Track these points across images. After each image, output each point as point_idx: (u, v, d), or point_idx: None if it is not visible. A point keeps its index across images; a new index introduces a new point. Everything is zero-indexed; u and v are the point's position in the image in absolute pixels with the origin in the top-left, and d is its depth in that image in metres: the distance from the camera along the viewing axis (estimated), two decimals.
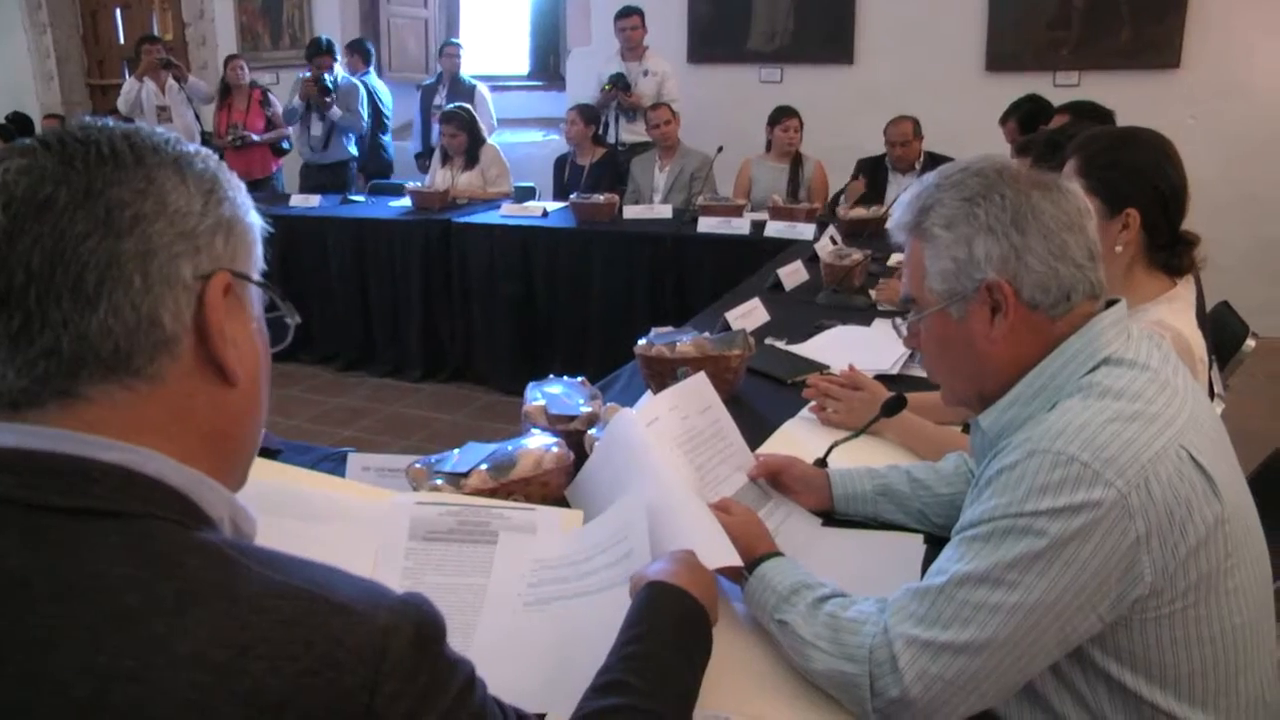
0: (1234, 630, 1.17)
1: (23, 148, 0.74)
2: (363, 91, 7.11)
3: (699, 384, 1.75)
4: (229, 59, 7.39)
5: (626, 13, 6.38)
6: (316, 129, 6.91)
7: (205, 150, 0.81)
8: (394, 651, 0.71)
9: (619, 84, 6.22)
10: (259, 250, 0.83)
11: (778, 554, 1.37)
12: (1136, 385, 1.18)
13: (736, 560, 1.33)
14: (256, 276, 0.82)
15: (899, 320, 1.35)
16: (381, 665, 0.70)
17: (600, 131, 6.37)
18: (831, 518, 1.68)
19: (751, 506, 1.61)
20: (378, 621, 0.71)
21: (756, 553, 1.36)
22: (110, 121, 0.77)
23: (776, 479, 1.71)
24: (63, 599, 0.66)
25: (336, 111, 6.87)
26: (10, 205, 0.71)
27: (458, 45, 7.28)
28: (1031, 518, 1.09)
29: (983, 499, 1.16)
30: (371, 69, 7.26)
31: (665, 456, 1.52)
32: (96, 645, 0.65)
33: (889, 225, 1.35)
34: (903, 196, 1.32)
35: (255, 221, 0.82)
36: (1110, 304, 1.27)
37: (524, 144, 7.83)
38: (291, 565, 0.73)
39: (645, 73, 6.36)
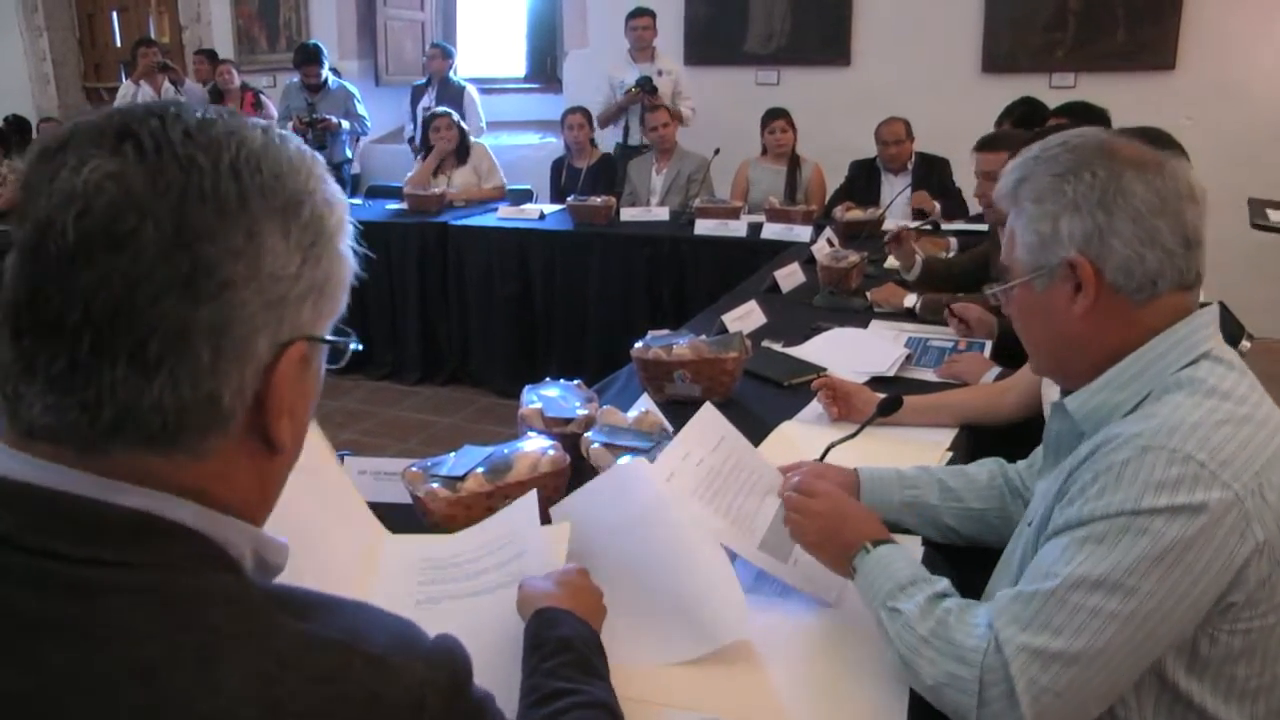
0: None
1: (117, 138, 0.63)
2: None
3: (706, 417, 1.68)
4: (218, 63, 7.40)
5: (638, 13, 6.36)
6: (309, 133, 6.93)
7: (321, 171, 0.71)
8: (431, 705, 0.67)
9: (645, 87, 6.20)
10: (345, 300, 0.74)
11: (893, 541, 1.33)
12: (1241, 389, 1.15)
13: (743, 634, 1.29)
14: (333, 326, 0.74)
15: (993, 287, 1.35)
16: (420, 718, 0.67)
17: (623, 138, 6.41)
18: None
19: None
20: (415, 675, 0.67)
21: (868, 534, 1.32)
22: (225, 125, 0.66)
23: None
24: (75, 651, 0.60)
25: (345, 126, 6.91)
26: (84, 218, 0.61)
27: (441, 47, 7.30)
28: (1149, 516, 1.05)
29: (1088, 495, 1.11)
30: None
31: (686, 513, 1.45)
32: (112, 702, 0.59)
33: (993, 193, 1.34)
34: (1008, 164, 1.31)
35: (350, 268, 0.73)
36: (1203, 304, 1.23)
37: (521, 146, 7.83)
38: (321, 609, 0.67)
39: (659, 73, 6.35)
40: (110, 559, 0.62)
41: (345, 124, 6.98)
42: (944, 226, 4.60)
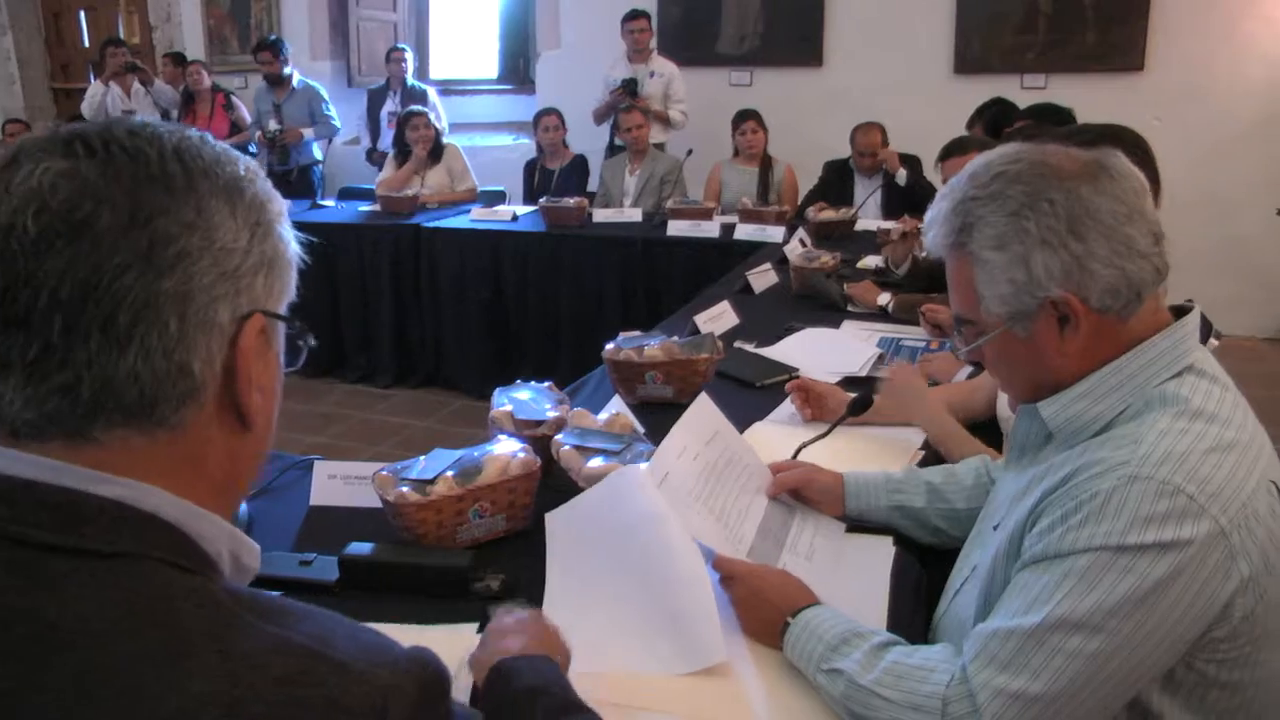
0: (1275, 675, 1.13)
1: (65, 143, 0.67)
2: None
3: (702, 408, 1.67)
4: (189, 64, 7.36)
5: (633, 15, 6.38)
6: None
7: (253, 166, 0.75)
8: (395, 713, 0.66)
9: (629, 89, 6.21)
10: (294, 282, 0.77)
11: (819, 604, 1.29)
12: (1225, 408, 1.11)
13: (720, 658, 1.25)
14: (285, 309, 0.77)
15: (953, 342, 1.28)
16: None
17: (610, 138, 6.42)
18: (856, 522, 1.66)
19: (782, 521, 1.60)
20: (379, 681, 0.66)
21: (801, 602, 1.29)
22: (162, 125, 0.71)
23: (798, 494, 1.67)
24: (45, 644, 0.61)
25: (307, 135, 6.88)
26: (42, 214, 0.64)
27: (403, 50, 7.29)
28: (1135, 554, 1.01)
29: (1070, 524, 1.06)
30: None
31: (676, 522, 1.43)
32: (78, 697, 0.59)
33: (926, 245, 1.25)
34: (932, 211, 1.22)
35: (295, 253, 0.77)
36: (1184, 310, 1.19)
37: (494, 148, 7.81)
38: (290, 616, 0.68)
39: (652, 74, 6.36)
40: (87, 547, 0.64)
41: (308, 133, 6.93)
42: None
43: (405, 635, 0.74)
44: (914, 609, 1.46)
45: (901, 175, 5.31)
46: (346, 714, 0.64)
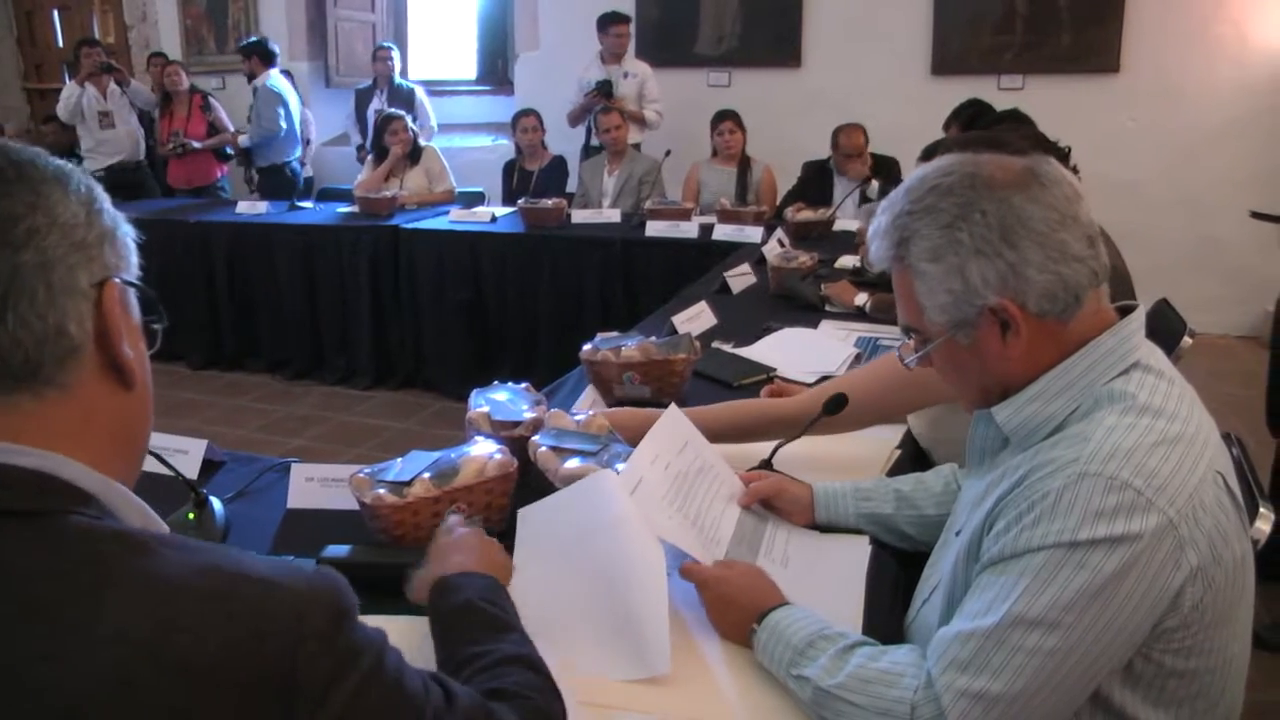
0: (1229, 660, 1.15)
1: None
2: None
3: (672, 419, 1.67)
4: (166, 64, 7.30)
5: (616, 19, 6.38)
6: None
7: (72, 164, 0.83)
8: (312, 618, 0.73)
9: (604, 90, 6.22)
10: (135, 258, 0.86)
11: (786, 605, 1.29)
12: (1171, 402, 1.13)
13: (664, 669, 1.24)
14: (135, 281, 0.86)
15: (903, 352, 1.30)
16: (302, 630, 0.72)
17: (586, 139, 6.43)
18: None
19: (755, 528, 1.61)
20: (297, 590, 0.74)
21: (767, 604, 1.29)
22: None
23: (768, 504, 1.68)
24: None
25: (245, 140, 6.85)
26: None
27: (389, 49, 7.25)
28: (1087, 549, 1.03)
29: (1024, 524, 1.08)
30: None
31: (643, 530, 1.41)
32: (11, 643, 0.66)
33: (870, 259, 1.28)
34: (873, 226, 1.25)
35: (129, 230, 0.86)
36: (1129, 309, 1.21)
37: (472, 149, 7.79)
38: (204, 549, 0.75)
39: (625, 75, 6.37)
40: (13, 508, 0.71)
41: (243, 139, 6.89)
42: None
43: (373, 624, 0.80)
44: (890, 607, 1.47)
45: (874, 189, 5.26)
46: (269, 620, 0.72)
